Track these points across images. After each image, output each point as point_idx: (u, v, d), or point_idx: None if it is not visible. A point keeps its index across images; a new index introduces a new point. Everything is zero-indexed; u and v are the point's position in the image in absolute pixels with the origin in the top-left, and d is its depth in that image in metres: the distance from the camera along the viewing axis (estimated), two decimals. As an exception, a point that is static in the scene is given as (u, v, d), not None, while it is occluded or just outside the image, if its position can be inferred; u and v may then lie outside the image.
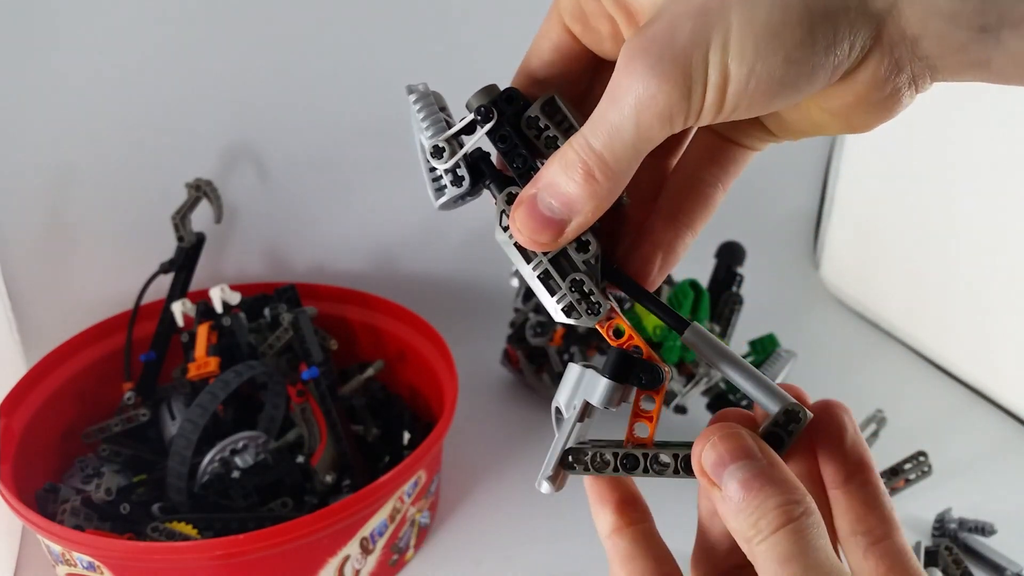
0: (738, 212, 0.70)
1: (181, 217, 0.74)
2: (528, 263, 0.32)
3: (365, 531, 0.61)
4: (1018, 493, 0.74)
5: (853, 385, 0.90)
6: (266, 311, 0.74)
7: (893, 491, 0.71)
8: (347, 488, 0.68)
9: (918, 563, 0.30)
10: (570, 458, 0.32)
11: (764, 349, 0.79)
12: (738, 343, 0.82)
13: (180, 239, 0.74)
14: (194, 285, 0.76)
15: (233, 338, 0.71)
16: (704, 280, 0.81)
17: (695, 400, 0.76)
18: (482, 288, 0.96)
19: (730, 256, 0.82)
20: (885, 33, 0.27)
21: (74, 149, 0.78)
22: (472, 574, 0.67)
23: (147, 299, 0.75)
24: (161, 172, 0.79)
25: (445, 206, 0.33)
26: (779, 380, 0.76)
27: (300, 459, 0.67)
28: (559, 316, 0.32)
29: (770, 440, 0.30)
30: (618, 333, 0.32)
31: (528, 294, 0.84)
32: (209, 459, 0.67)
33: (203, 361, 0.69)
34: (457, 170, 0.32)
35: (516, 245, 0.32)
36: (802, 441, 0.31)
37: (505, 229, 0.32)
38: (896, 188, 0.96)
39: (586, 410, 0.32)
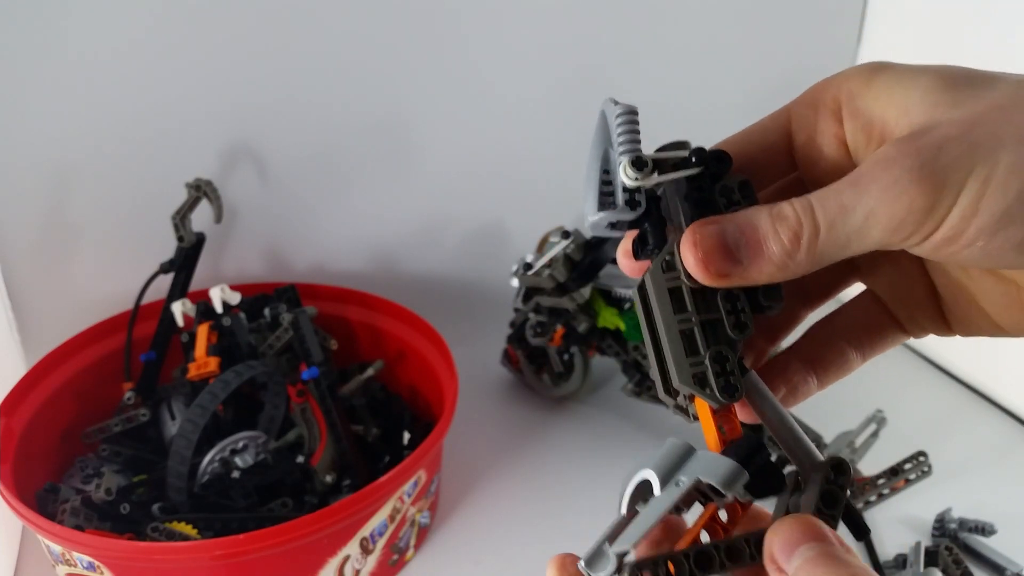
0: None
1: (181, 217, 0.74)
2: (676, 313, 0.30)
3: (365, 531, 0.61)
4: (1018, 493, 0.74)
5: (853, 385, 0.89)
6: (266, 311, 0.74)
7: (893, 491, 0.71)
8: (347, 488, 0.68)
9: None
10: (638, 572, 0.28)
11: (764, 349, 0.78)
12: (738, 343, 0.82)
13: (180, 239, 0.74)
14: (194, 285, 0.76)
15: (233, 338, 0.71)
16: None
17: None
18: (482, 288, 0.96)
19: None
20: None
21: (74, 149, 0.78)
22: (472, 574, 0.67)
23: (147, 299, 0.75)
24: (161, 172, 0.79)
25: (596, 224, 0.31)
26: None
27: (300, 459, 0.67)
28: (685, 381, 0.29)
29: (826, 499, 0.29)
30: (724, 427, 0.30)
31: (528, 294, 0.84)
32: (209, 459, 0.67)
33: (203, 361, 0.69)
34: (637, 194, 0.31)
35: (671, 292, 0.30)
36: None
37: (665, 271, 0.30)
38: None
39: (692, 490, 0.29)
